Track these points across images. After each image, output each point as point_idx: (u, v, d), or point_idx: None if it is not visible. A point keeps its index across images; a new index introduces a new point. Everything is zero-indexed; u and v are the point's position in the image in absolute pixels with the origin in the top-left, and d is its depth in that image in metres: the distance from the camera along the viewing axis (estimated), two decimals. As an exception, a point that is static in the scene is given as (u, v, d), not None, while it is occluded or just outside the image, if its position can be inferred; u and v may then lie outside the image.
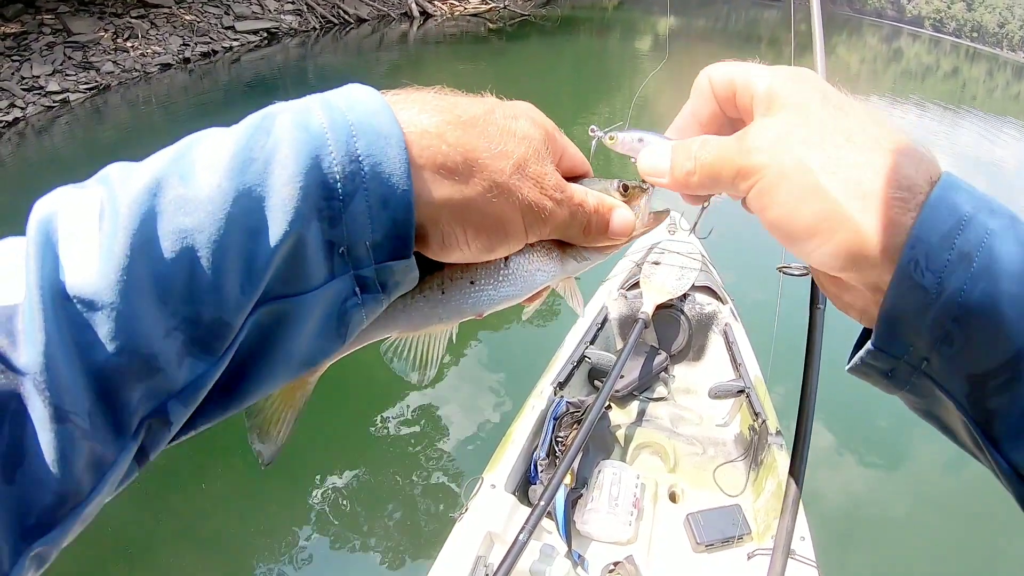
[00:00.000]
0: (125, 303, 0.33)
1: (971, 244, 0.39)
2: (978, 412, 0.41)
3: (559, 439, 2.84)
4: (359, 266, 0.41)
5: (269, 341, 0.40)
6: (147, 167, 0.36)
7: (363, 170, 0.38)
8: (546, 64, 16.30)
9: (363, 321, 0.44)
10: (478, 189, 0.43)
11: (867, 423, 4.78)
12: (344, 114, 0.39)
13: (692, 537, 2.69)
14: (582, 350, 3.39)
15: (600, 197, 0.52)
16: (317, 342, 0.42)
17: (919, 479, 4.57)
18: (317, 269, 0.39)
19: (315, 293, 0.39)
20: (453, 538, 2.44)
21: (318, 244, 0.38)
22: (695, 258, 3.84)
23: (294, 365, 0.42)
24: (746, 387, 3.18)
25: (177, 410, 0.37)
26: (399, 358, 0.55)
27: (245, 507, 3.79)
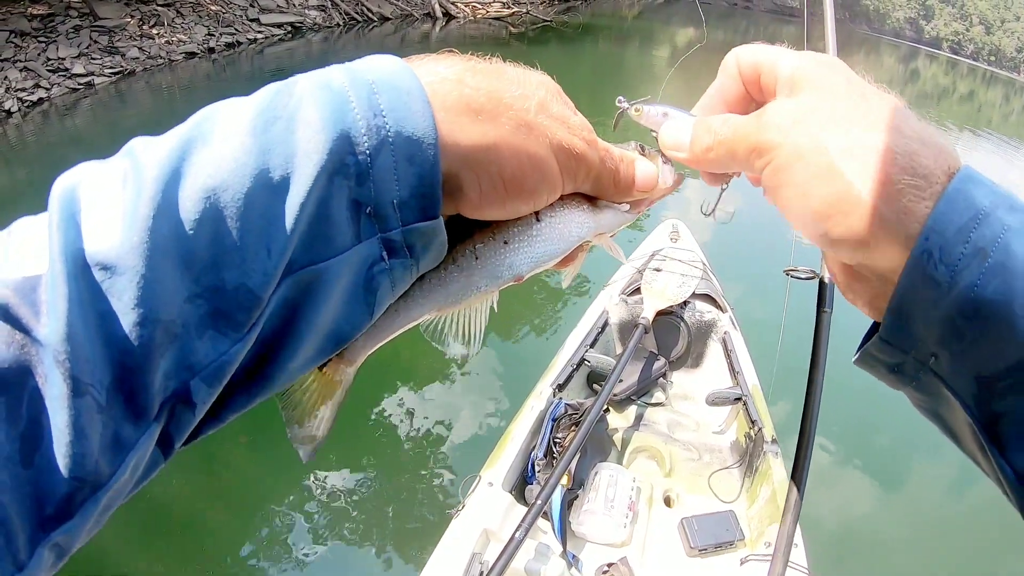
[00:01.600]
0: (148, 267, 0.32)
1: (987, 239, 0.38)
2: (984, 414, 0.40)
3: (557, 440, 2.87)
4: (386, 228, 0.39)
5: (295, 316, 0.38)
6: (170, 135, 0.35)
7: (387, 125, 0.37)
8: (565, 70, 16.21)
9: (391, 290, 0.42)
10: (507, 127, 0.41)
11: (868, 442, 4.78)
12: (364, 74, 0.38)
13: (686, 541, 2.71)
14: (582, 353, 3.42)
15: (623, 150, 0.52)
16: (345, 313, 0.40)
17: (918, 501, 4.55)
18: (343, 231, 0.38)
19: (341, 258, 0.38)
20: (449, 534, 2.47)
21: (344, 203, 0.37)
22: (696, 266, 3.87)
23: (322, 341, 0.40)
24: (743, 395, 3.21)
25: (200, 391, 0.35)
26: (442, 337, 0.52)
27: (243, 500, 3.83)
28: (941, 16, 64.01)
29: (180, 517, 3.67)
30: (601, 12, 29.28)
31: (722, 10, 43.20)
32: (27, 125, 8.75)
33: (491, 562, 2.04)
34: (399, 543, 3.57)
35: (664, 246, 4.10)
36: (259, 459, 4.03)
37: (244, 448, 4.07)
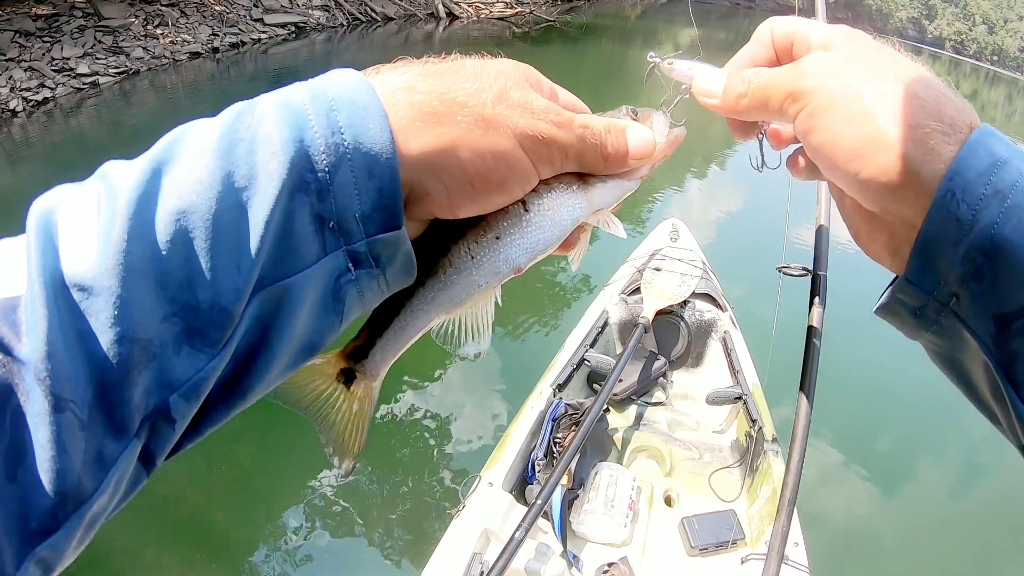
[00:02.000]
0: (124, 287, 0.33)
1: (1006, 184, 0.41)
2: (1002, 353, 0.42)
3: (557, 440, 2.88)
4: (350, 240, 0.40)
5: (268, 330, 0.39)
6: (142, 159, 0.36)
7: (345, 142, 0.38)
8: (568, 70, 16.37)
9: (358, 299, 0.43)
10: (463, 126, 0.42)
11: (871, 442, 4.78)
12: (324, 90, 0.39)
13: (686, 540, 2.72)
14: (582, 353, 3.43)
15: (610, 120, 0.51)
16: (315, 324, 0.41)
17: (922, 501, 4.54)
18: (309, 246, 0.39)
19: (308, 272, 0.39)
20: (450, 534, 2.48)
21: (308, 219, 0.38)
22: (696, 265, 3.88)
23: (295, 353, 0.42)
24: (743, 394, 3.21)
25: (179, 407, 0.36)
26: (452, 339, 0.53)
27: (244, 499, 3.85)
28: (944, 16, 63.76)
29: (185, 515, 3.69)
30: (604, 12, 29.27)
31: (724, 10, 43.18)
32: (32, 125, 8.78)
33: (491, 562, 2.05)
34: (400, 543, 3.58)
35: (664, 245, 4.11)
36: (261, 460, 4.06)
37: (248, 449, 4.09)
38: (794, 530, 2.52)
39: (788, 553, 2.35)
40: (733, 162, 10.80)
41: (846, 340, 5.15)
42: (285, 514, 3.72)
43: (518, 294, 6.09)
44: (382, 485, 3.90)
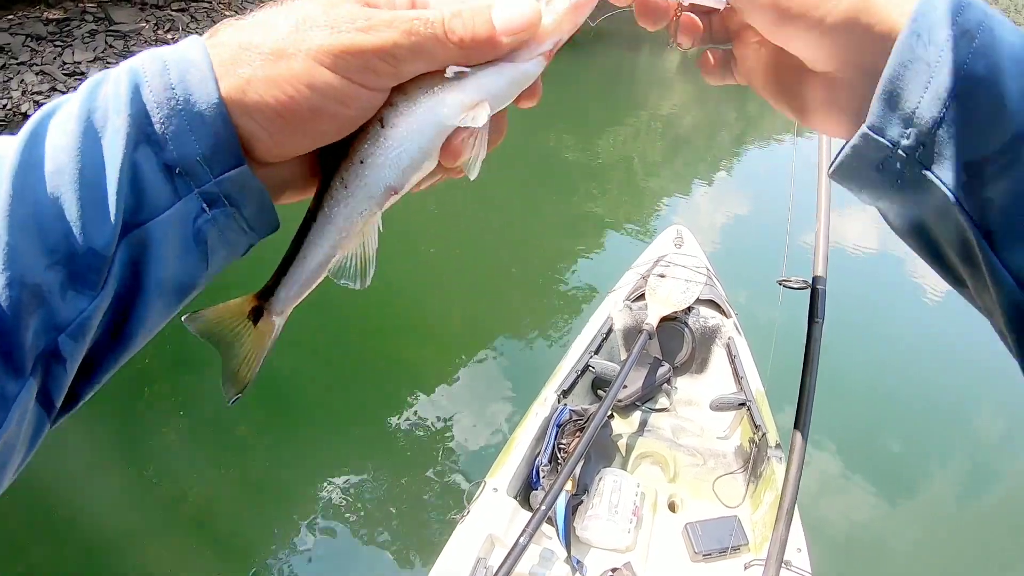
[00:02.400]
0: (11, 237, 0.37)
1: (971, 24, 0.39)
2: (974, 202, 0.40)
3: (561, 446, 2.91)
4: (200, 183, 0.43)
5: (141, 275, 0.43)
6: (23, 131, 0.41)
7: (177, 95, 0.41)
8: (575, 77, 16.37)
9: (220, 237, 0.46)
10: (258, 64, 0.43)
11: (876, 448, 4.75)
12: (162, 53, 0.43)
13: (690, 546, 2.74)
14: (586, 359, 3.45)
15: (468, 2, 0.46)
16: (182, 265, 0.44)
17: (926, 509, 4.51)
18: (162, 192, 0.42)
19: (166, 215, 0.42)
20: (454, 539, 2.51)
21: (156, 168, 0.41)
22: (700, 271, 3.89)
23: (168, 295, 0.45)
24: (747, 400, 3.22)
25: (68, 346, 0.40)
26: (340, 271, 0.54)
27: (251, 504, 3.90)
28: None
29: (192, 520, 3.76)
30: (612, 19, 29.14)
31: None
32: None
33: (496, 567, 2.08)
34: (404, 548, 3.61)
35: (668, 252, 4.12)
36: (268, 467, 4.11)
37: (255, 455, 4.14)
38: (797, 535, 2.55)
39: (791, 559, 2.38)
40: (740, 170, 10.78)
41: (850, 344, 5.15)
42: (290, 520, 3.76)
43: (523, 300, 6.12)
44: (386, 491, 3.94)
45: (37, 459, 0.42)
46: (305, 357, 5.10)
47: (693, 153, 11.97)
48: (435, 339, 5.56)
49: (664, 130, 12.96)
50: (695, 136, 12.67)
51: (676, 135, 12.76)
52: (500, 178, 9.70)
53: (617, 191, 9.92)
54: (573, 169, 10.29)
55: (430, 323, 5.79)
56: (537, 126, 11.68)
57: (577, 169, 10.30)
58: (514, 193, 8.99)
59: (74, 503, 3.73)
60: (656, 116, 13.90)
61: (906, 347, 5.91)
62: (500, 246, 7.38)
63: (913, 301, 6.66)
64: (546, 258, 7.13)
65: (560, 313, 5.89)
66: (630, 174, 10.63)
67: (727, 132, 13.72)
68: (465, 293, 6.37)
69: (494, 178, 9.68)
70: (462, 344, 5.40)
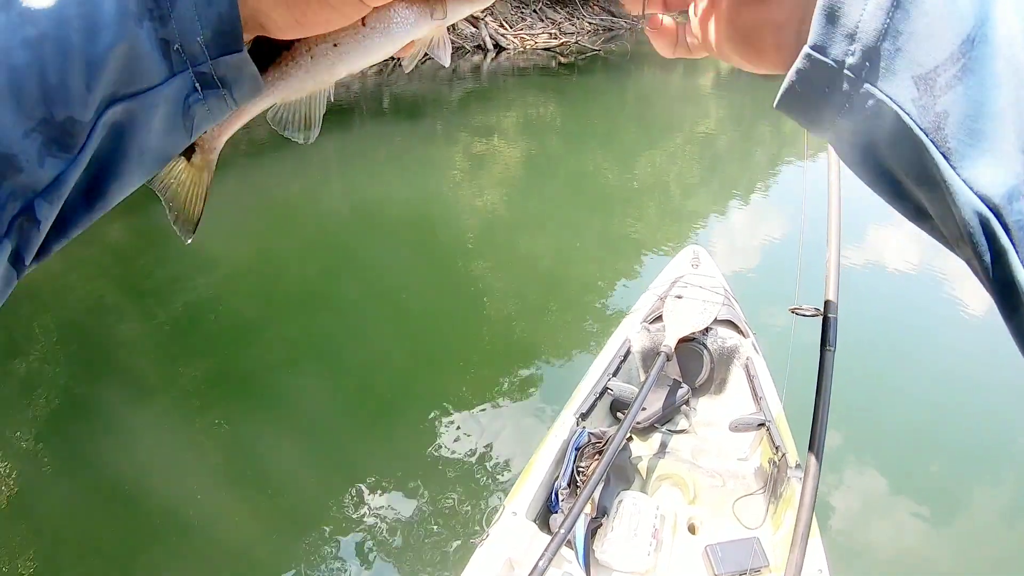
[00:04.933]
0: None
1: None
2: (928, 118, 0.38)
3: (580, 469, 2.92)
4: (196, 63, 0.43)
5: (122, 140, 0.43)
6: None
7: None
8: (611, 98, 16.47)
9: (207, 116, 0.46)
10: None
11: (919, 468, 4.61)
12: None
13: (710, 568, 2.72)
14: (605, 382, 3.47)
15: None
16: (166, 138, 0.45)
17: (970, 532, 4.30)
18: (156, 66, 0.41)
19: (157, 90, 0.42)
20: (473, 563, 2.53)
21: (153, 42, 0.40)
22: (717, 292, 3.89)
23: (148, 162, 0.45)
24: (766, 420, 3.20)
25: (43, 208, 0.40)
26: (284, 122, 0.57)
27: (265, 523, 3.94)
28: None
29: (207, 534, 3.82)
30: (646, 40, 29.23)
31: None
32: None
33: (514, 591, 2.10)
34: (423, 573, 3.63)
35: (685, 273, 4.14)
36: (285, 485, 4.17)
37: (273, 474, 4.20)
38: (818, 557, 2.53)
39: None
40: (776, 190, 10.72)
41: (887, 361, 5.08)
42: (305, 542, 3.79)
43: (540, 324, 6.14)
44: (403, 515, 3.96)
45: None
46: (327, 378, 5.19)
47: (729, 174, 11.95)
48: (464, 362, 5.59)
49: (700, 151, 12.94)
50: (730, 156, 12.66)
51: (712, 155, 12.73)
52: (539, 201, 9.78)
53: (654, 213, 9.94)
54: (611, 192, 10.35)
55: (460, 346, 5.84)
56: (575, 149, 11.80)
57: (615, 192, 10.36)
58: (552, 215, 9.07)
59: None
60: (692, 138, 13.92)
61: (943, 368, 5.78)
62: (537, 268, 7.43)
63: (950, 321, 6.52)
64: (583, 280, 7.16)
65: (577, 336, 5.90)
66: (667, 196, 10.65)
67: (762, 151, 13.69)
68: (502, 313, 6.43)
69: (533, 201, 9.80)
70: (494, 367, 5.44)
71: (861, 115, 0.40)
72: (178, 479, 4.12)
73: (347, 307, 6.44)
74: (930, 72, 0.37)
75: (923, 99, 0.37)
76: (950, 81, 0.37)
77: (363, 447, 4.57)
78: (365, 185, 9.69)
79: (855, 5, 0.38)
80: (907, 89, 0.38)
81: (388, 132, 12.89)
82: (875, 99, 0.39)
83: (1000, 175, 0.36)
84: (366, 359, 5.57)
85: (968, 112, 0.37)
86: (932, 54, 0.37)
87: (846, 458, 4.45)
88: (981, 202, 0.37)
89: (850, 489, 4.28)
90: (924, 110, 0.37)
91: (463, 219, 8.94)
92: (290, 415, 4.77)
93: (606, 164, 11.51)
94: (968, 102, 0.37)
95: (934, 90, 0.37)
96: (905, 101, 0.38)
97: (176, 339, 5.69)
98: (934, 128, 0.37)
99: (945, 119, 0.37)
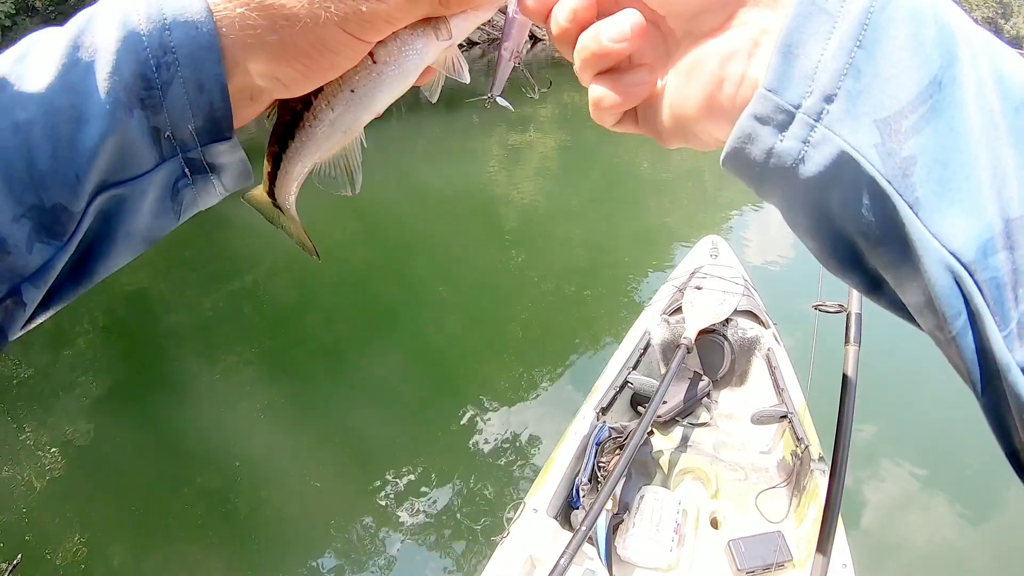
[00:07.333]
0: None
1: None
2: (893, 166, 0.34)
3: (601, 464, 2.90)
4: (186, 149, 0.43)
5: (111, 224, 0.43)
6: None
7: (177, 61, 0.40)
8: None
9: (196, 199, 0.46)
10: (285, 30, 0.42)
11: (957, 463, 4.51)
12: (161, 7, 0.40)
13: (733, 563, 2.70)
14: (625, 375, 3.44)
15: None
16: (154, 222, 0.45)
17: (1008, 531, 4.17)
18: (146, 154, 0.41)
19: (147, 176, 0.42)
20: (494, 561, 2.52)
21: (144, 131, 0.41)
22: (737, 282, 3.85)
23: (135, 243, 0.45)
24: (789, 412, 3.17)
25: (30, 292, 0.40)
26: (326, 181, 0.57)
27: (287, 520, 4.00)
28: (1020, 14, 61.15)
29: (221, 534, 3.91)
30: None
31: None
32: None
33: (536, 589, 2.09)
34: (444, 570, 3.64)
35: (704, 263, 4.09)
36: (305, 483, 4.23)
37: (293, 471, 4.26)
38: (843, 551, 2.51)
39: (837, 575, 2.35)
40: None
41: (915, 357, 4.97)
42: (325, 543, 3.83)
43: (554, 320, 6.14)
44: (426, 513, 3.98)
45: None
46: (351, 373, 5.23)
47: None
48: (496, 354, 5.65)
49: None
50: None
51: None
52: (574, 191, 9.74)
53: (688, 203, 9.90)
54: (645, 183, 10.33)
55: (492, 338, 5.89)
56: (609, 141, 11.77)
57: (649, 183, 10.33)
58: (588, 206, 9.09)
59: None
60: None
61: None
62: (572, 258, 7.46)
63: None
64: (617, 270, 7.18)
65: (597, 330, 5.87)
66: (701, 186, 10.60)
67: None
68: (538, 304, 6.46)
69: (569, 192, 9.77)
70: (524, 359, 5.48)
71: (817, 166, 0.36)
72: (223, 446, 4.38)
73: (384, 300, 6.56)
74: (894, 115, 0.34)
75: (887, 144, 0.34)
76: (917, 124, 0.33)
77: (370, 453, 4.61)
78: (401, 178, 9.75)
79: (816, 44, 0.35)
80: (869, 134, 0.34)
81: (426, 124, 12.98)
82: (833, 145, 0.35)
83: (974, 227, 0.33)
84: (407, 346, 5.70)
85: (937, 157, 0.33)
86: (896, 96, 0.34)
87: (871, 453, 4.40)
88: (954, 258, 0.33)
89: (876, 484, 4.24)
90: (888, 156, 0.34)
91: (500, 210, 9.01)
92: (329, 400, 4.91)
93: (641, 154, 11.44)
94: (937, 146, 0.33)
95: (899, 134, 0.34)
96: (866, 147, 0.34)
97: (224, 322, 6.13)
98: (899, 176, 0.34)
99: (912, 165, 0.33)
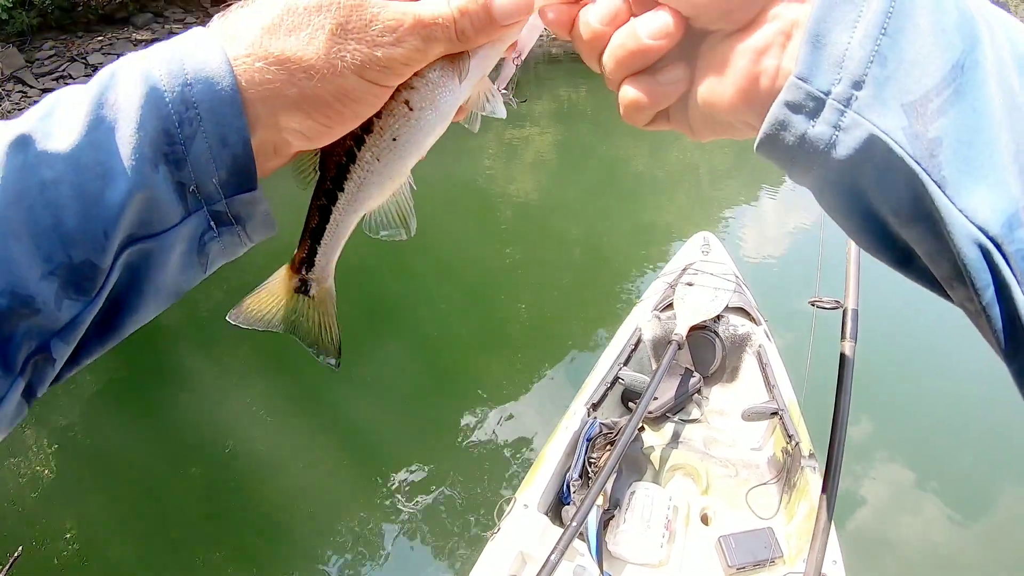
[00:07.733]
0: (3, 248, 0.37)
1: None
2: (920, 147, 0.36)
3: (592, 460, 2.89)
4: (211, 202, 0.43)
5: (138, 278, 0.43)
6: (17, 125, 0.39)
7: (199, 116, 0.40)
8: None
9: (223, 251, 0.47)
10: (304, 83, 0.43)
11: (949, 460, 4.54)
12: (182, 63, 0.41)
13: (724, 559, 2.70)
14: (616, 371, 3.43)
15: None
16: (181, 276, 0.46)
17: (999, 528, 4.17)
18: (172, 208, 0.42)
19: (174, 231, 0.42)
20: (485, 557, 2.52)
21: (169, 186, 0.41)
22: (728, 279, 3.85)
23: (162, 297, 0.46)
24: (779, 409, 3.16)
25: (59, 347, 0.40)
26: (381, 228, 0.57)
27: (281, 519, 3.99)
28: (1019, 14, 61.56)
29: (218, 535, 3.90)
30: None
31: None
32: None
33: (527, 585, 2.08)
34: (434, 567, 3.64)
35: (695, 259, 4.09)
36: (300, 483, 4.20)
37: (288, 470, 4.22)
38: (832, 548, 2.50)
39: (826, 571, 2.34)
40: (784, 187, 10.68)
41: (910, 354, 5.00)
42: (318, 540, 3.82)
43: (549, 316, 6.13)
44: (416, 508, 3.97)
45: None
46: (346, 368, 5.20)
47: (758, 163, 11.83)
48: (489, 349, 5.66)
49: (731, 140, 12.89)
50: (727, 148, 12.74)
51: (742, 145, 12.67)
52: (571, 187, 9.74)
53: (684, 199, 9.94)
54: (641, 179, 10.36)
55: (487, 334, 5.89)
56: (605, 137, 11.76)
57: (645, 179, 10.36)
58: (584, 202, 9.10)
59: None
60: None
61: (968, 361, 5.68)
62: (568, 255, 7.47)
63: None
64: (614, 267, 7.16)
65: (588, 325, 5.85)
66: (697, 183, 10.64)
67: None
68: (532, 299, 6.45)
69: (565, 188, 9.77)
70: (518, 354, 5.50)
71: (848, 150, 0.38)
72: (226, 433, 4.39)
73: (379, 295, 6.51)
74: (920, 99, 0.36)
75: (914, 127, 0.36)
76: (942, 107, 0.35)
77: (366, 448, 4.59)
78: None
79: (843, 32, 0.37)
80: (896, 117, 0.36)
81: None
82: (862, 129, 0.37)
83: (999, 202, 0.35)
84: (402, 340, 5.66)
85: (962, 138, 0.35)
86: (921, 81, 0.35)
87: (864, 450, 4.41)
88: (981, 232, 0.35)
89: (867, 481, 4.24)
90: (915, 138, 0.36)
91: (496, 205, 9.01)
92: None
93: (636, 151, 11.46)
94: (961, 127, 0.35)
95: (925, 117, 0.35)
96: (895, 130, 0.36)
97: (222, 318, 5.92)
98: (927, 156, 0.36)
99: (938, 146, 0.35)
